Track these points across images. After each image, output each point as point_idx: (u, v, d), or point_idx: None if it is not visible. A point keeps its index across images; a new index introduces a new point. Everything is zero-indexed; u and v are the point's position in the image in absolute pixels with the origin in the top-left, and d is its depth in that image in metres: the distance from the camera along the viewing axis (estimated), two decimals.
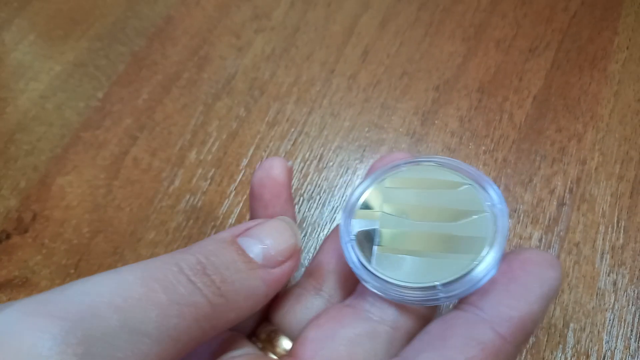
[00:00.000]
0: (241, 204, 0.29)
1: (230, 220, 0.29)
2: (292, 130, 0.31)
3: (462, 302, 0.17)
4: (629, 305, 0.26)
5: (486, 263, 0.17)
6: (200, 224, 0.29)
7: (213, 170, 0.30)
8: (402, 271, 0.18)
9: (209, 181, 0.30)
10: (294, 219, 0.21)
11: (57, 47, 0.34)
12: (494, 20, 0.34)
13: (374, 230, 0.19)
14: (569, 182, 0.29)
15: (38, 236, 0.29)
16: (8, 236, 0.29)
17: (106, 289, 0.14)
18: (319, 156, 0.30)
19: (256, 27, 0.35)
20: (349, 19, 0.35)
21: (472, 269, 0.17)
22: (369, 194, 0.19)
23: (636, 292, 0.26)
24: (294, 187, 0.30)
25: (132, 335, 0.13)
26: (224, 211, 0.29)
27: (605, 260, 0.27)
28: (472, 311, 0.16)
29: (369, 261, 0.18)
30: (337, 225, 0.20)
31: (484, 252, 0.17)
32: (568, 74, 0.32)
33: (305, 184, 0.30)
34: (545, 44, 0.33)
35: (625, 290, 0.26)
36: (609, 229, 0.28)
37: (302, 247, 0.28)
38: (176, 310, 0.14)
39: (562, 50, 0.33)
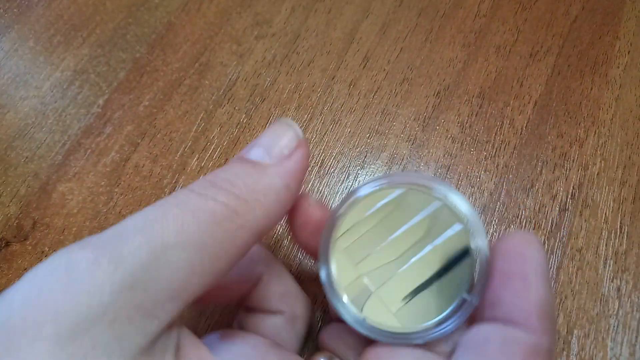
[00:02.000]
0: None
1: None
2: None
3: (476, 316, 0.18)
4: (633, 311, 0.26)
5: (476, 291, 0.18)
6: None
7: None
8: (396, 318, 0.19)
9: None
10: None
11: (58, 54, 0.34)
12: (494, 25, 0.34)
13: (368, 295, 0.19)
14: (571, 188, 0.29)
15: (38, 244, 0.28)
16: (7, 244, 0.29)
17: (129, 220, 0.15)
18: (319, 162, 0.30)
19: (257, 33, 0.35)
20: (350, 25, 0.35)
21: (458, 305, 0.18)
22: (338, 265, 0.19)
23: None
24: None
25: (156, 248, 0.15)
26: None
27: (609, 266, 0.27)
28: (492, 319, 0.17)
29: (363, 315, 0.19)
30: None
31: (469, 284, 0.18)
32: (569, 79, 0.32)
33: (307, 190, 0.29)
34: (546, 49, 0.33)
35: (630, 297, 0.26)
36: (612, 234, 0.28)
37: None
38: (191, 217, 0.15)
39: (562, 55, 0.33)
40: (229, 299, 0.21)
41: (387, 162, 0.30)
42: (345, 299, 0.19)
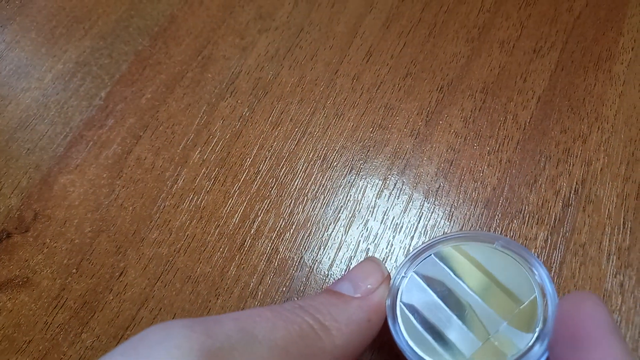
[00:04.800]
0: (244, 204, 0.29)
1: (233, 220, 0.28)
2: (296, 130, 0.31)
3: None
4: (636, 307, 0.26)
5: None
6: (204, 223, 0.28)
7: (217, 169, 0.30)
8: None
9: (212, 181, 0.30)
10: None
11: (60, 46, 0.34)
12: (497, 21, 0.34)
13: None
14: (574, 183, 0.29)
15: (39, 235, 0.28)
16: (9, 235, 0.28)
17: (224, 314, 0.17)
18: (322, 156, 0.30)
19: (260, 27, 0.35)
20: (353, 19, 0.35)
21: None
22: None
23: None
24: (298, 187, 0.29)
25: (246, 335, 0.16)
26: (228, 211, 0.29)
27: (612, 261, 0.27)
28: None
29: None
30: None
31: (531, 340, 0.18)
32: (572, 74, 0.32)
33: (309, 184, 0.29)
34: (550, 44, 0.33)
35: (633, 292, 0.26)
36: (615, 230, 0.28)
37: (314, 248, 0.27)
38: (282, 325, 0.17)
39: (566, 51, 0.33)
40: None
41: (390, 157, 0.30)
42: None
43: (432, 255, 0.21)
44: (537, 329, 0.18)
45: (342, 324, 0.18)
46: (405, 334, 0.20)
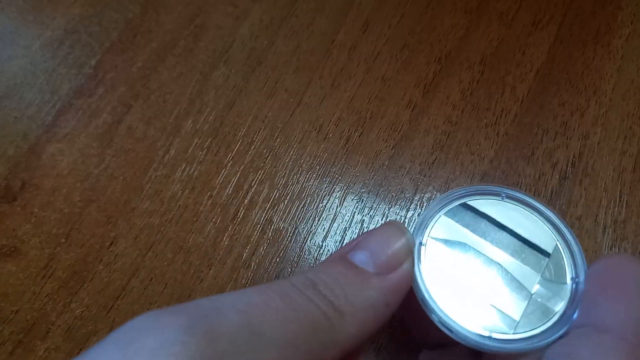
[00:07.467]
0: (238, 174, 0.28)
1: (227, 190, 0.28)
2: (291, 100, 0.30)
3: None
4: None
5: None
6: (197, 193, 0.28)
7: (210, 139, 0.29)
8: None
9: (205, 151, 0.29)
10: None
11: (47, 13, 0.33)
12: None
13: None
14: (571, 156, 0.29)
15: (27, 205, 0.28)
16: None
17: (229, 297, 0.15)
18: (318, 127, 0.30)
19: None
20: None
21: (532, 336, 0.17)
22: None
23: None
24: (292, 158, 0.29)
25: (253, 335, 0.14)
26: (221, 181, 0.28)
27: (608, 234, 0.27)
28: (583, 325, 0.16)
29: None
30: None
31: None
32: (571, 48, 0.32)
33: (305, 154, 0.29)
34: (549, 17, 0.33)
35: None
36: (611, 203, 0.28)
37: (309, 219, 0.27)
38: (293, 316, 0.15)
39: (565, 25, 0.33)
40: None
41: (386, 129, 0.30)
42: (463, 321, 0.17)
43: (443, 215, 0.19)
44: (572, 279, 0.18)
45: (357, 308, 0.16)
46: (449, 315, 0.17)
